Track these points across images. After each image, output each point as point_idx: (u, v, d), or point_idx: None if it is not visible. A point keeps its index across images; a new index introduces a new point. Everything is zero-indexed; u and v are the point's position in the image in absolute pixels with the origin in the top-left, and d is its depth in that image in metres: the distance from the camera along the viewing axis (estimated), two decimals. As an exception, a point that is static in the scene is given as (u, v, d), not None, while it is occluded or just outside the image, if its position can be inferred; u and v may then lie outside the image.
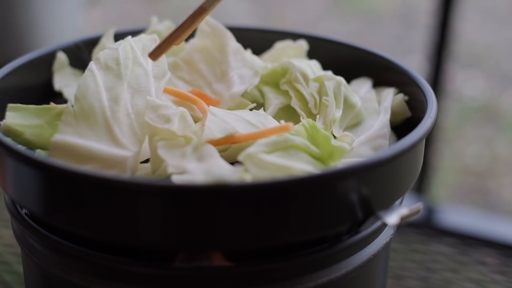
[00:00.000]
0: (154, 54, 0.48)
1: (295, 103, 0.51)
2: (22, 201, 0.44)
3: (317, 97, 0.51)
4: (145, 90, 0.47)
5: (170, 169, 0.42)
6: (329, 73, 0.52)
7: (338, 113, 0.50)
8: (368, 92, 0.55)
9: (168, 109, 0.45)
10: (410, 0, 2.03)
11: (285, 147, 0.44)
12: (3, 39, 1.18)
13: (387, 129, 0.50)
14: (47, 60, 0.55)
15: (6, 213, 0.74)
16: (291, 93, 0.52)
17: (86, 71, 0.47)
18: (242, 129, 0.46)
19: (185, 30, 0.48)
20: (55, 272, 0.45)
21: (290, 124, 0.45)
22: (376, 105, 0.53)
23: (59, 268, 0.45)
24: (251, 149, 0.43)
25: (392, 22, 1.91)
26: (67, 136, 0.45)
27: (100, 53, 0.48)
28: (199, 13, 0.48)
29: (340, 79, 0.52)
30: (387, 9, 2.00)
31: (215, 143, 0.45)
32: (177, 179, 0.42)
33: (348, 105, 0.51)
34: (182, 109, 0.46)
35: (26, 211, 0.47)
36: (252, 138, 0.45)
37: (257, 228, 0.40)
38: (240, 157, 0.42)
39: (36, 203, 0.43)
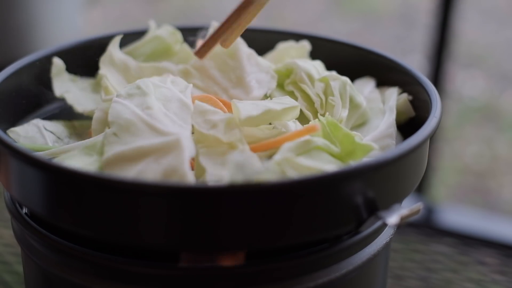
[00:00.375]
0: (200, 53, 0.45)
1: (301, 103, 0.51)
2: (26, 202, 0.44)
3: (323, 97, 0.51)
4: (174, 98, 0.47)
5: (208, 177, 0.42)
6: (334, 73, 0.52)
7: (344, 113, 0.50)
8: (372, 92, 0.55)
9: (215, 115, 0.45)
10: (410, 0, 2.03)
11: (308, 150, 0.44)
12: (3, 39, 1.19)
13: (394, 129, 0.50)
14: (49, 61, 0.55)
15: (6, 213, 0.74)
16: (297, 94, 0.52)
17: (112, 103, 0.47)
18: (273, 106, 0.46)
19: (230, 25, 0.45)
20: (55, 272, 0.45)
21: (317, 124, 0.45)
22: (381, 104, 0.53)
23: (59, 268, 0.45)
24: (280, 155, 0.43)
25: (392, 22, 1.91)
26: (115, 149, 0.44)
27: (121, 90, 0.48)
28: (244, 6, 0.44)
29: (345, 79, 0.52)
30: (387, 9, 2.00)
31: (259, 148, 0.45)
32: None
33: (353, 105, 0.51)
34: (229, 115, 0.46)
35: (26, 211, 0.47)
36: (297, 136, 0.45)
37: (261, 229, 0.40)
38: (276, 161, 0.42)
39: (40, 204, 0.43)
